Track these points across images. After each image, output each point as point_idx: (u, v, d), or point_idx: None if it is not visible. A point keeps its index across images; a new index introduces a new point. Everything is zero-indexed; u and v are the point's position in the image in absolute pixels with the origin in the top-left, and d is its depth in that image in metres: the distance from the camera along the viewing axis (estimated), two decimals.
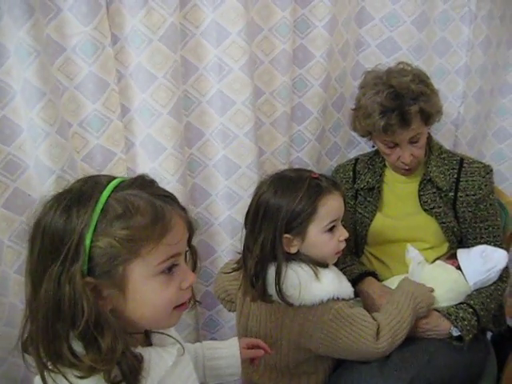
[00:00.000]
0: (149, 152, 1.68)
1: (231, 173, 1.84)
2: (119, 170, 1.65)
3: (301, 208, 1.40)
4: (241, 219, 1.80)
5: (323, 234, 1.44)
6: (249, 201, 1.52)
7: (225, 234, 1.92)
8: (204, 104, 1.76)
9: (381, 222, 1.85)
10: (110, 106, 1.58)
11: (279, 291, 1.39)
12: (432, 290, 1.64)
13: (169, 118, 1.64)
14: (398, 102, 1.65)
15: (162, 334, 1.03)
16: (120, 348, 0.87)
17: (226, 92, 1.73)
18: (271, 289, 1.42)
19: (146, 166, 1.69)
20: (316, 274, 1.41)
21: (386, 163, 1.87)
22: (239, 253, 1.54)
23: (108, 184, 0.91)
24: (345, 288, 1.47)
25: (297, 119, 1.97)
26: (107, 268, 0.87)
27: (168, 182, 1.69)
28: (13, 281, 1.56)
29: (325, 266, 1.46)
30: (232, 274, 1.60)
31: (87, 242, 0.86)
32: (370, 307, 1.67)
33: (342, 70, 2.03)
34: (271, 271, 1.41)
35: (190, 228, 0.99)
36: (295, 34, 1.86)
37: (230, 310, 1.69)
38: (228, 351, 1.36)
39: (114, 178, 0.95)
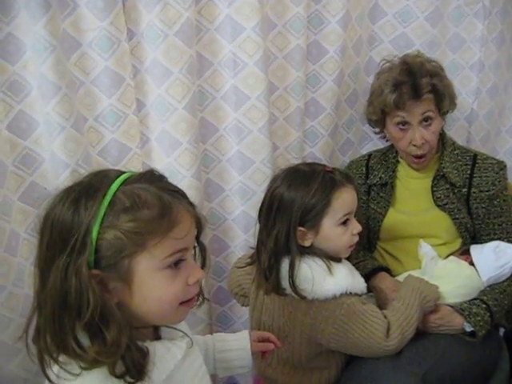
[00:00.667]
0: (164, 147, 1.69)
1: (245, 168, 1.85)
2: (134, 165, 1.66)
3: (315, 201, 1.41)
4: (254, 214, 1.80)
5: (337, 228, 1.45)
6: (262, 196, 1.53)
7: (238, 230, 1.93)
8: (218, 99, 1.77)
9: (393, 218, 1.85)
10: (125, 101, 1.59)
11: (292, 284, 1.40)
12: (437, 287, 1.63)
13: (184, 113, 1.65)
14: (411, 76, 1.68)
15: (171, 327, 1.03)
16: (125, 341, 0.88)
17: (240, 87, 1.74)
18: (285, 282, 1.43)
19: (161, 160, 1.70)
20: (329, 269, 1.42)
21: (399, 158, 1.87)
22: (252, 248, 1.55)
23: (117, 178, 0.92)
24: (358, 283, 1.47)
25: (310, 115, 1.98)
26: (113, 260, 0.88)
27: (183, 176, 1.70)
28: (28, 273, 1.56)
29: (338, 260, 1.46)
30: (246, 268, 1.62)
31: (94, 234, 0.86)
32: (382, 302, 1.68)
33: (355, 66, 2.04)
34: (285, 264, 1.42)
35: (199, 224, 0.99)
36: (309, 30, 1.87)
37: (243, 305, 1.70)
38: (239, 344, 1.37)
39: (124, 172, 0.95)
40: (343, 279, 1.43)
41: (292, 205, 1.41)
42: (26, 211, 1.51)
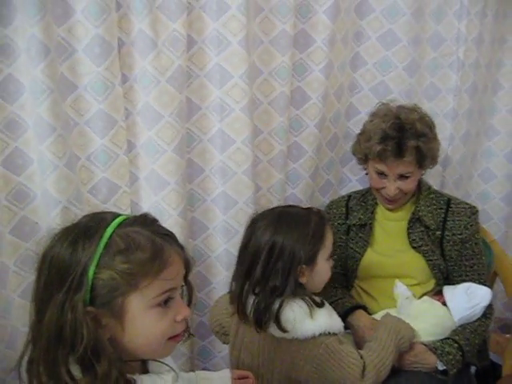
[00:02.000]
0: (152, 186, 1.73)
1: (229, 208, 1.89)
2: (123, 203, 1.70)
3: (315, 240, 1.47)
4: (236, 253, 1.85)
5: (326, 262, 1.52)
6: None
7: (220, 267, 1.96)
8: (205, 142, 1.82)
9: (371, 258, 1.90)
10: (117, 142, 1.64)
11: (278, 322, 1.43)
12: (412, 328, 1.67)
13: (173, 155, 1.70)
14: (400, 134, 1.71)
15: (158, 361, 1.07)
16: (115, 374, 0.92)
17: (226, 131, 1.80)
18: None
19: (149, 199, 1.74)
20: (311, 312, 1.44)
21: (378, 200, 1.92)
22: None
23: (113, 220, 0.97)
24: (335, 322, 1.49)
25: (292, 157, 2.04)
26: (107, 299, 0.93)
27: (170, 215, 1.74)
28: (16, 305, 1.60)
29: (321, 305, 1.49)
30: (226, 307, 1.63)
31: (90, 273, 0.92)
32: (359, 339, 1.72)
33: (336, 112, 2.10)
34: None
35: (187, 265, 1.05)
36: (293, 77, 1.93)
37: (224, 343, 1.70)
38: (221, 381, 1.41)
39: (119, 214, 1.01)
40: (322, 320, 1.45)
41: (295, 245, 1.44)
42: (17, 244, 1.55)
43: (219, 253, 1.95)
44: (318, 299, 1.49)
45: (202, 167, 1.85)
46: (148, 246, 0.96)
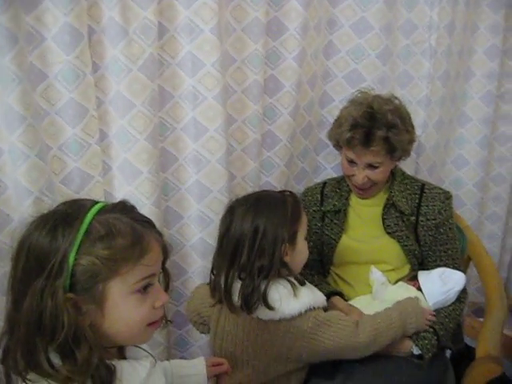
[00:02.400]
0: (125, 176, 1.72)
1: (203, 197, 1.89)
2: (96, 193, 1.69)
3: (294, 219, 1.51)
4: (212, 241, 1.86)
5: (304, 241, 1.56)
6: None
7: (196, 256, 1.96)
8: (178, 130, 1.81)
9: (346, 244, 1.91)
10: (89, 131, 1.63)
11: (266, 302, 1.45)
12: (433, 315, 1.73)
13: (145, 144, 1.69)
14: (370, 123, 1.72)
15: (137, 347, 1.08)
16: (95, 361, 0.92)
17: (199, 119, 1.79)
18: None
19: (122, 189, 1.73)
20: (294, 291, 1.47)
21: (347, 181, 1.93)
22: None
23: (92, 207, 0.97)
24: (318, 297, 1.53)
25: (267, 146, 2.04)
26: (88, 285, 0.93)
27: (143, 204, 1.73)
28: None
29: (303, 283, 1.52)
30: (203, 297, 1.65)
31: (71, 260, 0.92)
32: None
33: (310, 100, 2.10)
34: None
35: (165, 251, 1.06)
36: (266, 66, 1.93)
37: (202, 332, 1.71)
38: (195, 369, 1.43)
39: (97, 202, 1.01)
40: (305, 297, 1.48)
41: (277, 226, 1.47)
42: None
43: (194, 242, 1.94)
44: (300, 277, 1.52)
45: (175, 156, 1.84)
46: (128, 232, 0.96)
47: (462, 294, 1.84)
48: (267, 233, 1.46)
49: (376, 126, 1.72)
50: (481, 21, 2.33)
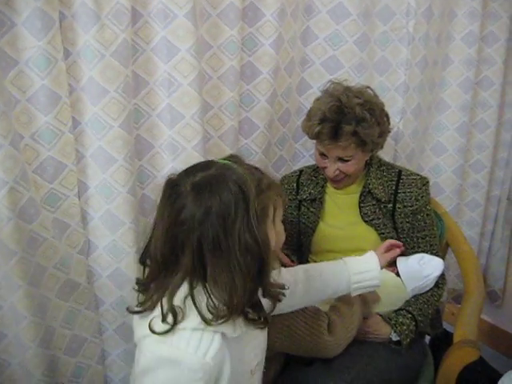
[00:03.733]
0: (100, 163, 1.69)
1: None
2: (70, 182, 1.66)
3: None
4: None
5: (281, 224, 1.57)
6: None
7: None
8: (154, 117, 1.79)
9: (323, 231, 1.91)
10: (61, 119, 1.59)
11: None
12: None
13: (120, 131, 1.66)
14: (338, 117, 1.71)
15: None
16: None
17: (175, 106, 1.76)
18: None
19: (96, 177, 1.70)
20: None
21: None
22: None
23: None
24: None
25: (244, 133, 2.02)
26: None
27: (119, 192, 1.71)
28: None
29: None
30: None
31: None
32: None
33: (287, 86, 2.09)
34: None
35: None
36: (243, 52, 1.91)
37: None
38: (368, 266, 1.57)
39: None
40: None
41: None
42: None
43: None
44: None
45: (151, 143, 1.82)
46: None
47: (441, 279, 1.87)
48: None
49: (344, 121, 1.71)
50: (458, 7, 2.32)
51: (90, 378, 1.87)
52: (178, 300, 1.13)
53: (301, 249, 1.99)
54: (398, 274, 1.83)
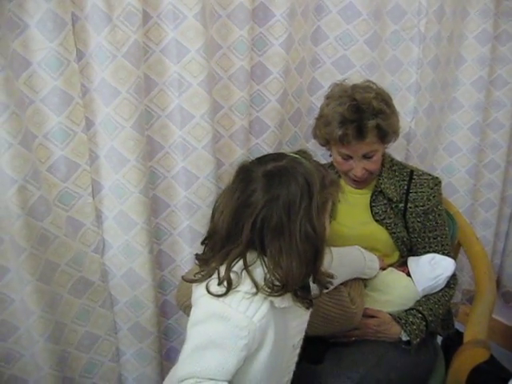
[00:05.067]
0: (112, 164, 1.72)
1: (190, 184, 1.88)
2: (83, 181, 1.69)
3: None
4: (199, 229, 1.86)
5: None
6: (207, 210, 1.58)
7: (184, 244, 1.95)
8: (164, 118, 1.81)
9: (335, 230, 1.87)
10: (74, 119, 1.62)
11: None
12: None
13: (132, 132, 1.68)
14: (358, 115, 1.70)
15: None
16: None
17: (185, 106, 1.78)
18: None
19: (109, 177, 1.73)
20: None
21: (340, 173, 1.92)
22: None
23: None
24: None
25: (255, 133, 2.03)
26: None
27: (131, 192, 1.73)
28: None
29: None
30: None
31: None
32: None
33: (298, 86, 2.09)
34: None
35: None
36: (253, 52, 1.92)
37: None
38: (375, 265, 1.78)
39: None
40: None
41: None
42: None
43: (182, 230, 1.94)
44: None
45: (161, 144, 1.83)
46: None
47: (452, 279, 1.85)
48: None
49: (365, 117, 1.70)
50: (471, 6, 2.31)
51: (102, 374, 1.91)
52: (236, 268, 1.21)
53: None
54: (408, 274, 1.82)
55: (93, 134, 1.71)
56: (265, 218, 1.19)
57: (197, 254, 1.36)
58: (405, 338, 1.71)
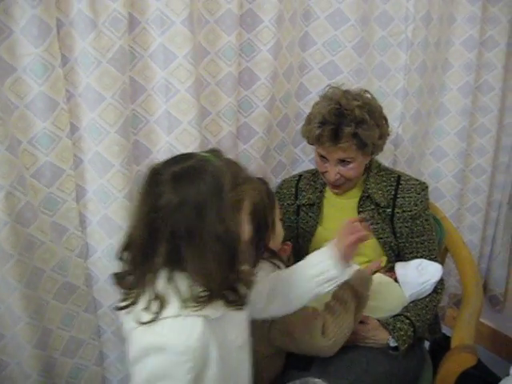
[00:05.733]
0: (97, 169, 1.71)
1: None
2: (67, 186, 1.68)
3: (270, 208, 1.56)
4: None
5: (279, 222, 1.62)
6: None
7: None
8: (151, 123, 1.80)
9: (321, 236, 1.91)
10: (59, 125, 1.61)
11: None
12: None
13: (116, 137, 1.67)
14: (338, 119, 1.72)
15: None
16: None
17: (172, 112, 1.77)
18: None
19: (94, 182, 1.72)
20: None
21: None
22: None
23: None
24: None
25: (243, 138, 2.03)
26: None
27: (116, 197, 1.72)
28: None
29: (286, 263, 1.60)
30: None
31: None
32: None
33: (286, 92, 2.09)
34: None
35: None
36: (241, 58, 1.92)
37: None
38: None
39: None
40: None
41: None
42: None
43: None
44: (283, 258, 1.67)
45: (149, 149, 1.83)
46: None
47: (439, 284, 1.86)
48: None
49: (344, 123, 1.71)
50: (458, 12, 2.32)
51: (87, 378, 1.90)
52: (158, 288, 1.18)
53: (299, 253, 1.98)
54: (396, 280, 1.83)
55: (77, 139, 1.70)
56: (174, 223, 1.14)
57: (115, 274, 1.30)
58: (393, 343, 1.71)
